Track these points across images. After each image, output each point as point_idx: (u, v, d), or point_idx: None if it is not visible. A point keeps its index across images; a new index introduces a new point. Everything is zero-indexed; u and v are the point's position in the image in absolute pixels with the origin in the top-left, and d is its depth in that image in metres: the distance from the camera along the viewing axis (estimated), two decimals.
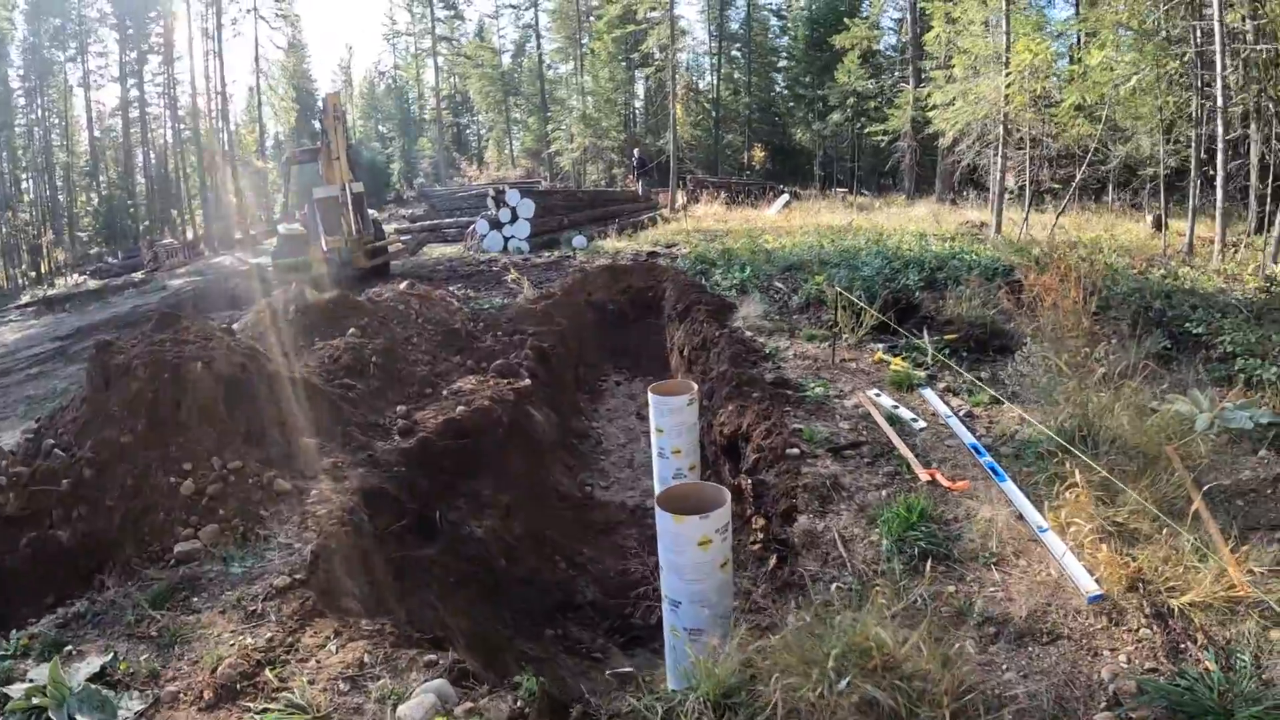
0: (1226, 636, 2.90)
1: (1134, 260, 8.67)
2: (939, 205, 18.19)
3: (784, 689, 2.71)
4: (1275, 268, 7.67)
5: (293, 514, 4.38)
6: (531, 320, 8.00)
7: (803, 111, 32.29)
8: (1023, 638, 3.08)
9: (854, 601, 3.33)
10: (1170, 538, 3.37)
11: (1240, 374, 4.70)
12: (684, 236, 13.48)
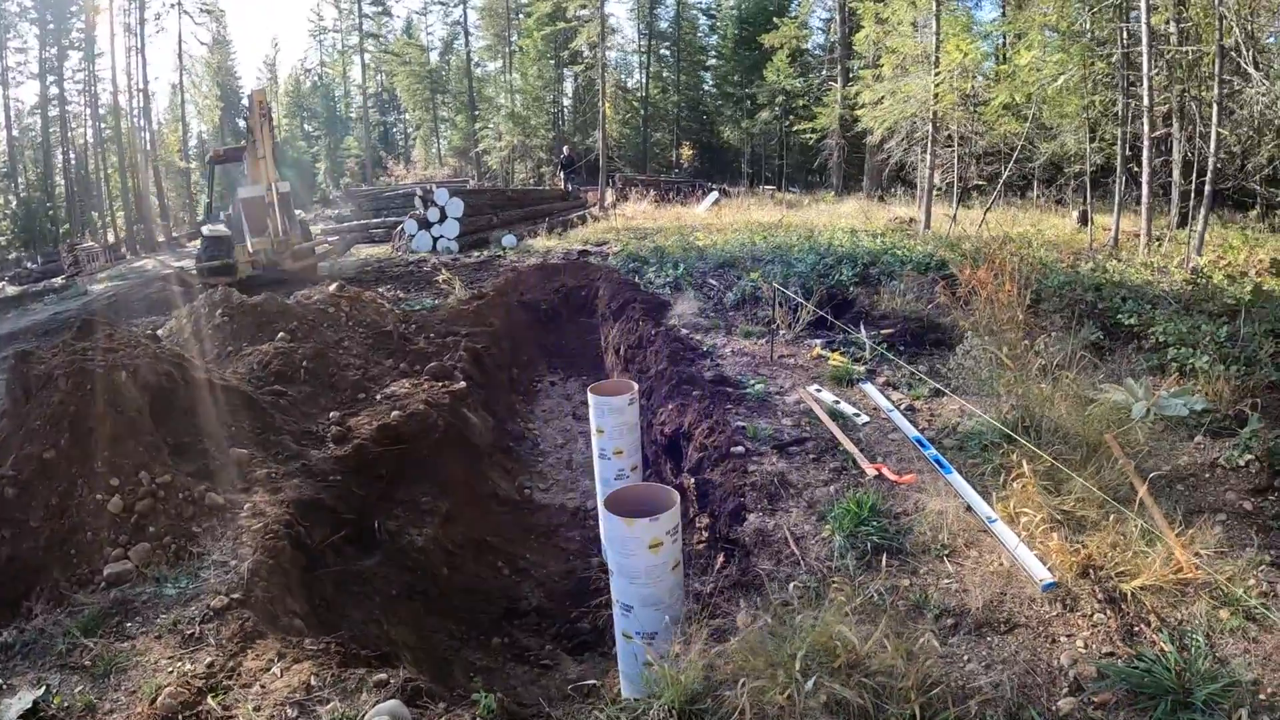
0: (1178, 618, 2.95)
1: (1062, 255, 9.02)
2: (867, 202, 18.65)
3: (750, 692, 2.61)
4: (1200, 260, 8.10)
5: (226, 529, 4.09)
6: (464, 321, 7.73)
7: (731, 110, 32.80)
8: (981, 628, 3.07)
9: (812, 599, 3.27)
10: (1117, 524, 3.43)
11: (1173, 363, 4.87)
12: (614, 235, 13.38)
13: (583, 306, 9.16)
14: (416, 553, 5.12)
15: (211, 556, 3.90)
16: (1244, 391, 4.23)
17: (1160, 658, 2.70)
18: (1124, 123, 10.04)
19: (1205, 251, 8.71)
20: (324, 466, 5.07)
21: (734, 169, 33.12)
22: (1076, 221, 12.87)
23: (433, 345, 7.05)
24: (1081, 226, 12.16)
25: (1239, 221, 13.15)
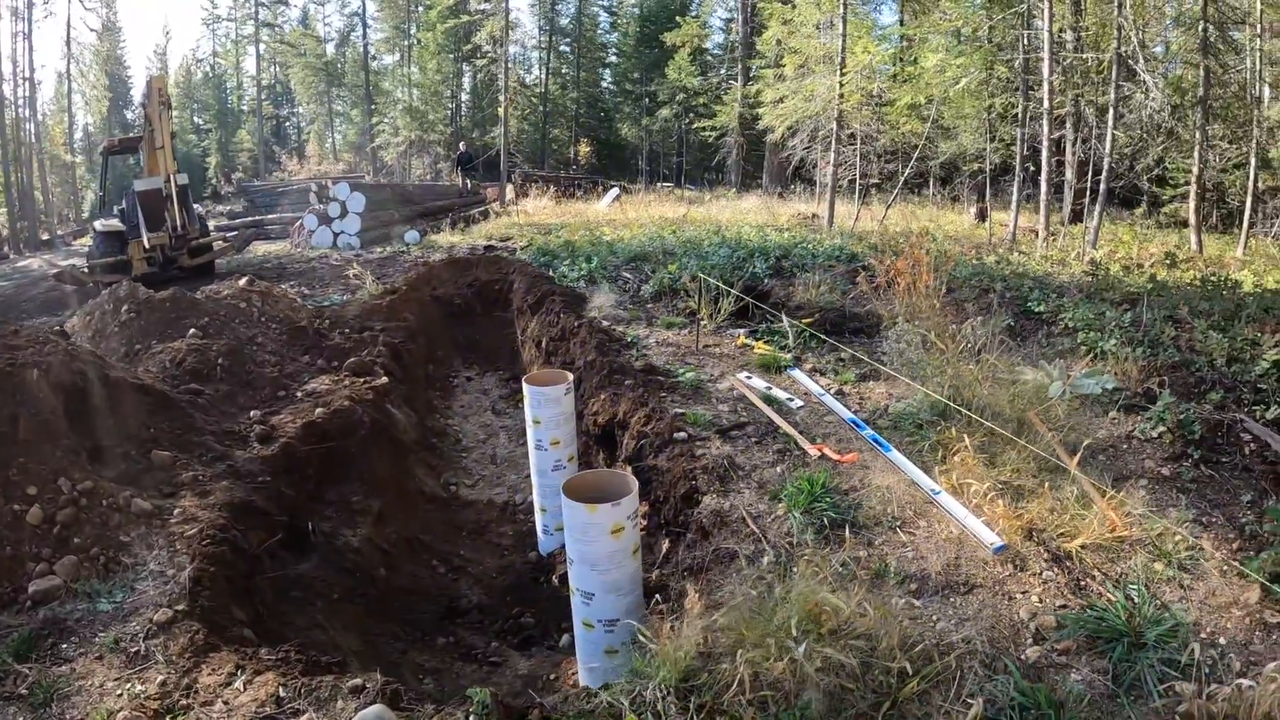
0: (1118, 572, 3.21)
1: (964, 248, 9.63)
2: (768, 198, 19.23)
3: (747, 663, 2.62)
4: (1095, 252, 8.85)
5: (158, 537, 3.74)
6: (379, 317, 7.37)
7: (630, 107, 33.05)
8: (943, 590, 3.23)
9: (782, 573, 3.34)
10: (1052, 491, 3.70)
11: (1083, 346, 5.30)
12: (518, 231, 13.19)
13: (495, 301, 8.94)
14: (353, 554, 4.85)
15: (146, 566, 3.60)
16: (1149, 371, 4.66)
17: (1110, 606, 2.93)
18: (1023, 124, 10.87)
19: (1099, 245, 9.54)
20: (251, 467, 4.71)
21: (631, 166, 33.44)
22: (974, 217, 13.81)
23: (349, 341, 6.67)
24: (979, 222, 13.07)
25: (1126, 218, 14.53)
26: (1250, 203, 11.18)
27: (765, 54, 20.70)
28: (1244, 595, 3.04)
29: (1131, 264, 8.40)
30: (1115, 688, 2.65)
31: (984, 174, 12.60)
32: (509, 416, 7.86)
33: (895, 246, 9.16)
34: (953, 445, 4.24)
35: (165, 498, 4.20)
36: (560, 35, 36.17)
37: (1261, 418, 3.89)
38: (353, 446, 5.61)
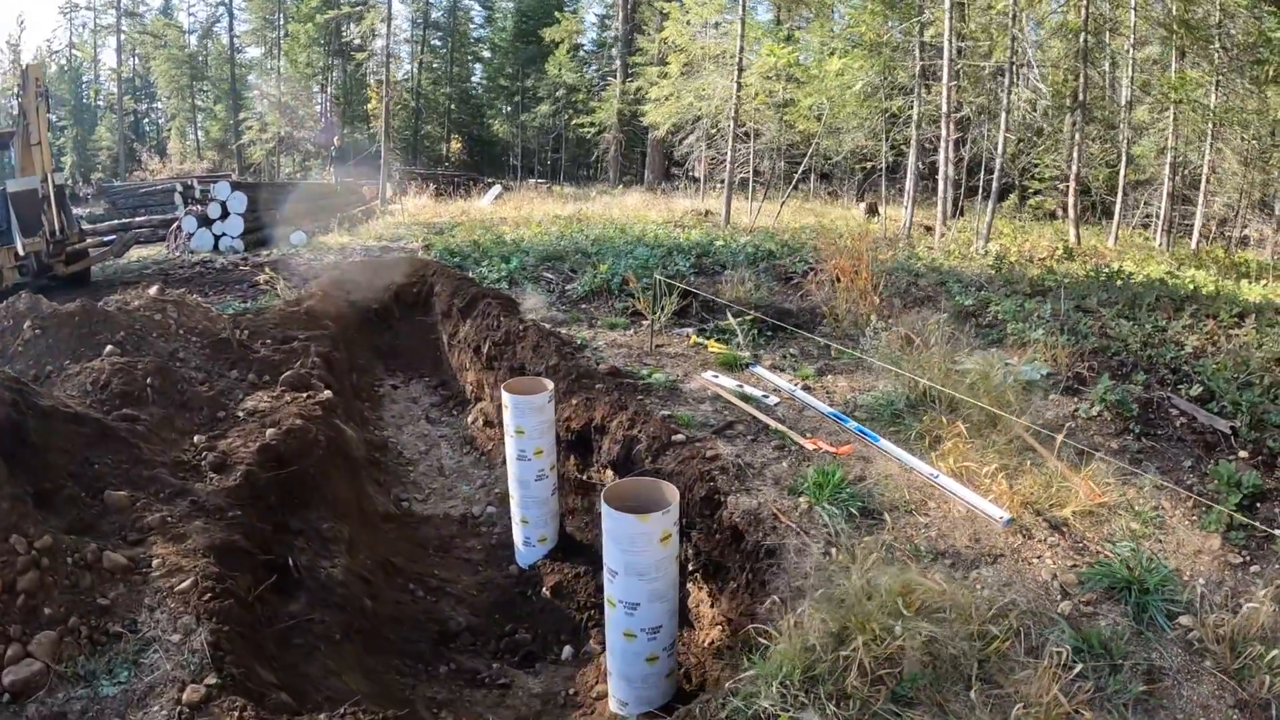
0: (1105, 533, 3.85)
1: (867, 244, 10.46)
2: (650, 195, 19.68)
3: (864, 646, 2.93)
4: (990, 245, 9.95)
5: (142, 596, 3.41)
6: (298, 325, 6.95)
7: (503, 103, 32.82)
8: (974, 562, 3.71)
9: (844, 562, 3.67)
10: (1031, 469, 4.31)
11: (1011, 336, 6.08)
12: (408, 230, 12.77)
13: (415, 304, 8.67)
14: (339, 587, 4.66)
15: (142, 634, 3.23)
16: (1075, 357, 5.48)
17: (1113, 562, 3.53)
18: (917, 125, 11.98)
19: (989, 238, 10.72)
20: (218, 501, 4.38)
21: (503, 163, 33.22)
22: (864, 213, 14.98)
23: (278, 353, 6.27)
24: (869, 217, 14.22)
25: (997, 211, 16.21)
26: (1121, 198, 13.11)
27: (646, 50, 21.18)
28: (1207, 543, 3.77)
29: (1023, 257, 9.62)
30: (1138, 625, 3.23)
31: (874, 171, 13.76)
32: (446, 425, 7.70)
33: (809, 243, 9.87)
34: (935, 432, 4.80)
35: (133, 546, 3.83)
36: (433, 29, 35.58)
37: (1186, 395, 4.75)
38: (311, 468, 5.35)
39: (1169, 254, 12.52)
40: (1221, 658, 3.06)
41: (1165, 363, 5.23)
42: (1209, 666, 3.05)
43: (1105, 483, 4.17)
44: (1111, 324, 5.93)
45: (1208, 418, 4.44)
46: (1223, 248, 13.39)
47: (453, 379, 8.20)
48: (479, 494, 6.82)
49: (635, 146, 26.34)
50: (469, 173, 26.01)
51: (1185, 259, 11.77)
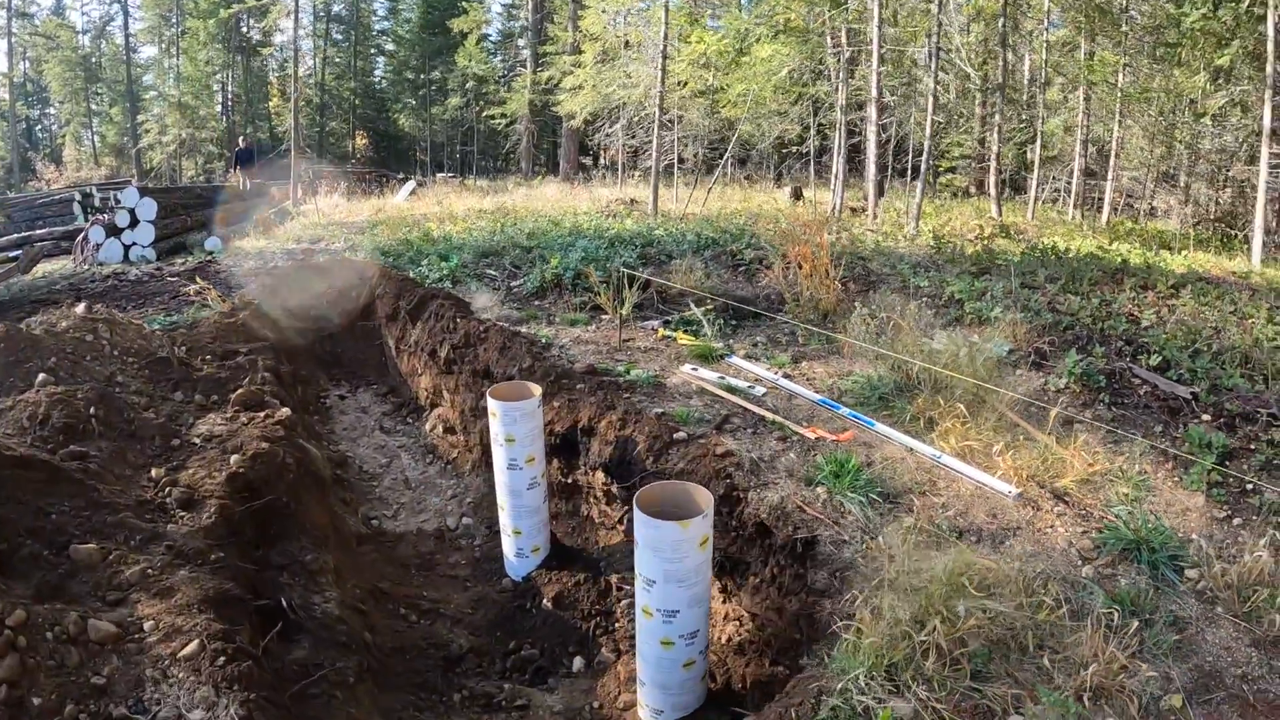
0: (1104, 499, 4.16)
1: (802, 228, 10.70)
2: (568, 185, 19.39)
3: (937, 630, 3.06)
4: (922, 227, 10.36)
5: (142, 667, 3.11)
6: (236, 337, 6.46)
7: (409, 97, 31.64)
8: (996, 537, 3.93)
9: (882, 547, 3.80)
10: (1024, 443, 4.59)
11: (969, 315, 6.41)
12: (326, 230, 12.13)
13: (355, 309, 8.22)
14: (338, 624, 4.40)
15: (154, 714, 2.91)
16: (1033, 333, 5.85)
17: (1119, 525, 3.83)
18: (843, 109, 12.31)
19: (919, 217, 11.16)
20: (196, 544, 4.05)
21: (409, 158, 32.16)
22: (790, 197, 15.32)
23: (223, 369, 5.81)
24: (795, 201, 14.55)
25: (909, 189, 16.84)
26: (1037, 174, 13.99)
27: (557, 39, 20.82)
28: (1192, 501, 4.15)
29: (955, 236, 10.15)
30: (1154, 582, 3.53)
31: (790, 156, 14.11)
32: (402, 435, 7.39)
33: (748, 229, 10.03)
34: (929, 414, 5.02)
35: (115, 608, 3.46)
36: (335, 22, 34.10)
37: (1146, 365, 5.18)
38: (284, 494, 5.01)
39: (1090, 228, 13.52)
40: (1231, 604, 3.40)
41: (1118, 335, 5.69)
42: (1221, 612, 3.37)
43: (1095, 452, 4.50)
44: (1060, 299, 6.38)
45: (1168, 385, 4.88)
46: (1133, 219, 14.67)
47: (403, 385, 7.87)
48: (451, 505, 6.61)
49: (548, 137, 26.03)
50: (378, 169, 25.13)
51: (1116, 233, 12.78)
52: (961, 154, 16.93)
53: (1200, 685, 3.01)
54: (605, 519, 5.87)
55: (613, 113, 16.08)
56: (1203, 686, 3.00)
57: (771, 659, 4.34)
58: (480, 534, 6.33)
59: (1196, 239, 13.61)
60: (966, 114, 14.19)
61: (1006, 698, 2.93)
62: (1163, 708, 2.88)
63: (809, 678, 3.24)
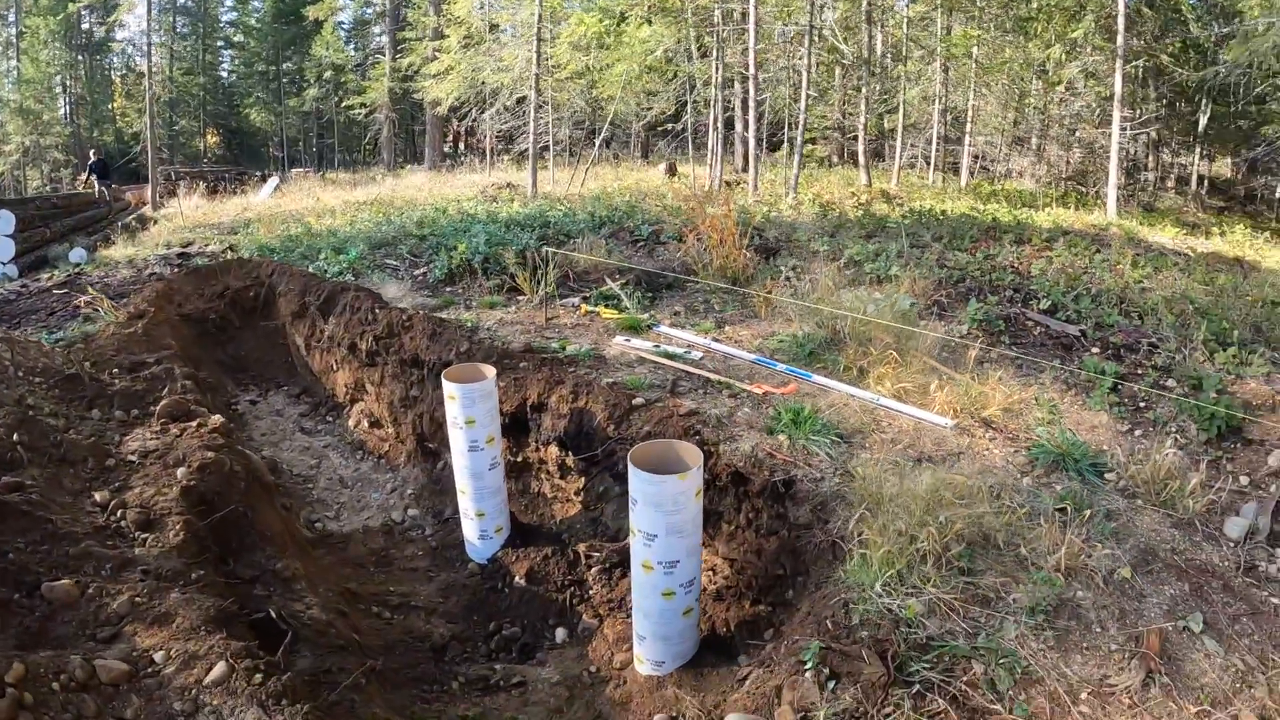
0: (1025, 423, 4.68)
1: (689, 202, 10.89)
2: (435, 173, 18.48)
3: (928, 538, 3.39)
4: (799, 197, 10.78)
5: (168, 701, 2.88)
6: (139, 348, 5.79)
7: (262, 91, 28.75)
8: (948, 460, 4.33)
9: (861, 476, 4.09)
10: (948, 383, 5.05)
11: (869, 274, 6.86)
12: (196, 233, 11.00)
13: (253, 310, 7.55)
14: (328, 629, 4.18)
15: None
16: (931, 287, 6.39)
17: (1044, 443, 4.34)
18: (719, 88, 12.49)
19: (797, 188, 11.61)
20: (173, 565, 3.72)
21: (264, 154, 29.45)
22: (665, 173, 15.43)
23: (136, 381, 5.22)
24: (669, 177, 14.71)
25: (774, 160, 17.36)
26: (900, 142, 14.90)
27: (416, 25, 19.70)
28: (1097, 419, 4.76)
29: (837, 203, 10.73)
30: (1084, 485, 4.05)
31: (656, 133, 14.24)
32: (325, 434, 6.95)
33: (639, 206, 10.14)
34: (859, 364, 5.40)
35: (110, 643, 3.13)
36: (181, 14, 30.53)
37: (1037, 309, 5.82)
38: (239, 504, 4.63)
39: (956, 190, 14.62)
40: (1149, 496, 3.97)
41: (1006, 285, 6.36)
42: (1142, 504, 3.94)
43: (1010, 385, 5.04)
44: (947, 256, 7.01)
45: (1059, 325, 5.53)
46: (989, 181, 16.08)
47: (316, 384, 7.37)
48: (393, 500, 6.33)
49: (411, 125, 24.73)
50: (236, 168, 22.99)
51: (979, 194, 13.91)
52: (823, 126, 17.89)
53: (1140, 560, 3.51)
54: (560, 493, 5.86)
55: (481, 98, 15.59)
56: (1142, 560, 3.51)
57: (752, 600, 4.55)
58: (429, 525, 6.13)
59: (1054, 197, 15.16)
60: (825, 86, 15.02)
61: (996, 585, 3.31)
62: (1117, 578, 3.35)
63: (826, 595, 3.47)
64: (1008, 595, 3.29)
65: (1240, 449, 4.37)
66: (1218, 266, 7.46)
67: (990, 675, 2.85)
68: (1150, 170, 19.54)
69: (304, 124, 30.76)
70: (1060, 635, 3.07)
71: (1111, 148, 12.88)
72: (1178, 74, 16.11)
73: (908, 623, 3.10)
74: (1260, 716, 2.77)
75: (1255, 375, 4.94)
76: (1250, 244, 10.98)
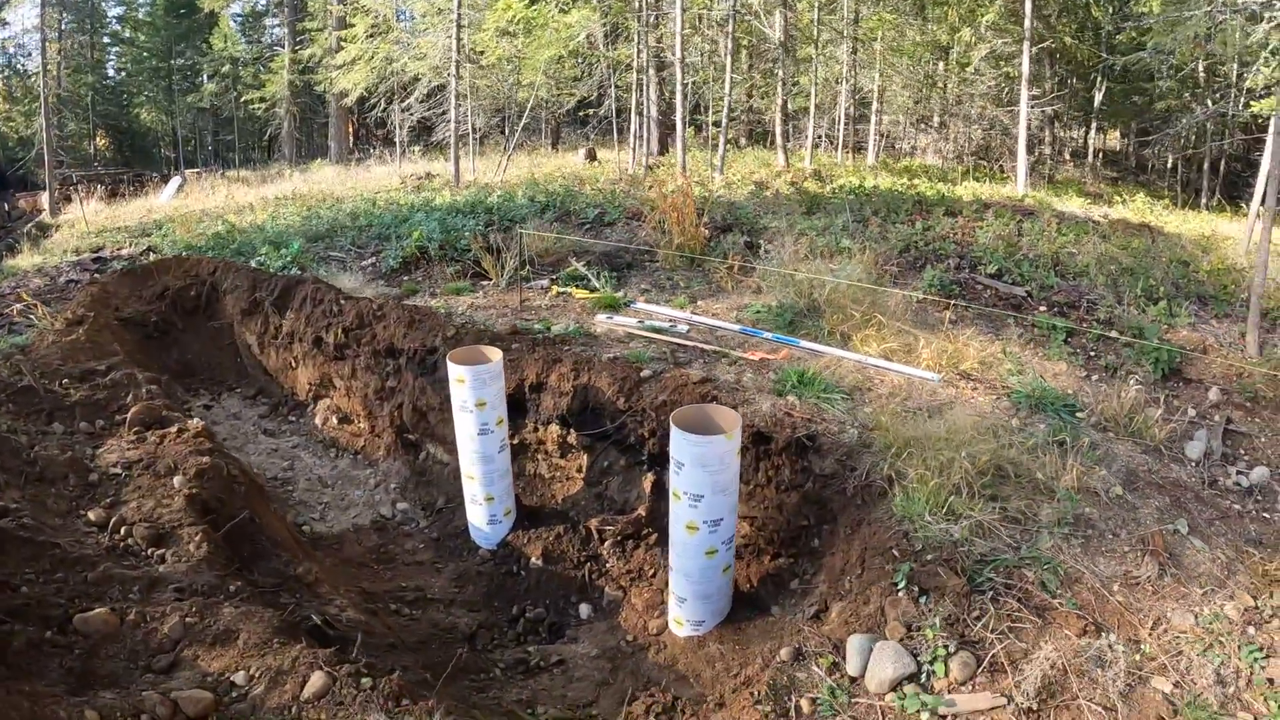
0: (999, 372, 4.97)
1: (614, 186, 10.72)
2: (344, 167, 17.16)
3: (958, 468, 3.57)
4: (728, 177, 10.74)
5: None
6: (85, 355, 5.09)
7: (153, 89, 25.51)
8: (941, 410, 4.54)
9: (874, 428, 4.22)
10: (925, 342, 5.29)
11: (821, 248, 7.01)
12: (104, 237, 9.78)
13: (196, 310, 6.78)
14: (365, 630, 3.86)
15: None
16: (881, 258, 6.63)
17: (1020, 389, 4.64)
18: (641, 71, 12.22)
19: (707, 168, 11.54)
20: (206, 579, 3.40)
21: (156, 154, 26.41)
22: (585, 158, 15.03)
23: (97, 390, 4.60)
24: (589, 162, 14.35)
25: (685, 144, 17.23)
26: (813, 123, 15.16)
27: (316, 14, 18.11)
28: (1058, 368, 5.13)
29: (768, 183, 10.87)
30: (1063, 422, 4.36)
31: (584, 121, 13.90)
32: (290, 434, 6.41)
33: (577, 191, 9.92)
34: (840, 329, 5.55)
35: (171, 672, 2.78)
36: (65, 10, 26.85)
37: (985, 273, 6.17)
38: (243, 509, 4.19)
39: (870, 168, 15.04)
40: (1119, 429, 4.33)
41: (950, 253, 6.70)
42: (1114, 436, 4.29)
43: (978, 342, 5.33)
44: (889, 229, 7.30)
45: (1007, 288, 5.90)
46: (894, 159, 16.72)
47: (272, 383, 6.76)
48: (378, 495, 5.94)
49: (313, 119, 22.83)
50: (132, 170, 20.50)
51: (892, 171, 14.34)
52: (733, 108, 18.08)
53: (1127, 480, 3.85)
54: (559, 472, 5.70)
55: (392, 88, 14.66)
56: (1128, 480, 3.85)
57: (773, 555, 4.61)
58: (421, 517, 5.81)
59: (961, 172, 15.93)
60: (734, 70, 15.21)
61: (1022, 507, 3.55)
62: (1114, 495, 3.67)
63: (875, 529, 3.59)
64: (1034, 514, 3.53)
65: (1183, 387, 4.86)
66: (1130, 232, 8.22)
67: (1040, 578, 3.12)
68: (1047, 145, 20.99)
69: (198, 122, 28.00)
70: (1084, 543, 3.37)
71: (1020, 125, 13.76)
72: (1078, 54, 17.25)
73: (961, 543, 3.29)
74: (1250, 593, 3.11)
75: (1184, 325, 5.48)
76: (1151, 211, 12.12)
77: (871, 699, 2.72)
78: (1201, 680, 2.69)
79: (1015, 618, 2.92)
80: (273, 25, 25.50)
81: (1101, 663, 2.73)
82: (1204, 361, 4.98)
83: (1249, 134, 14.74)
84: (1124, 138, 23.77)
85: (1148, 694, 2.63)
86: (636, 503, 5.34)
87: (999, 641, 2.81)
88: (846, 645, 2.90)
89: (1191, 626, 2.91)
